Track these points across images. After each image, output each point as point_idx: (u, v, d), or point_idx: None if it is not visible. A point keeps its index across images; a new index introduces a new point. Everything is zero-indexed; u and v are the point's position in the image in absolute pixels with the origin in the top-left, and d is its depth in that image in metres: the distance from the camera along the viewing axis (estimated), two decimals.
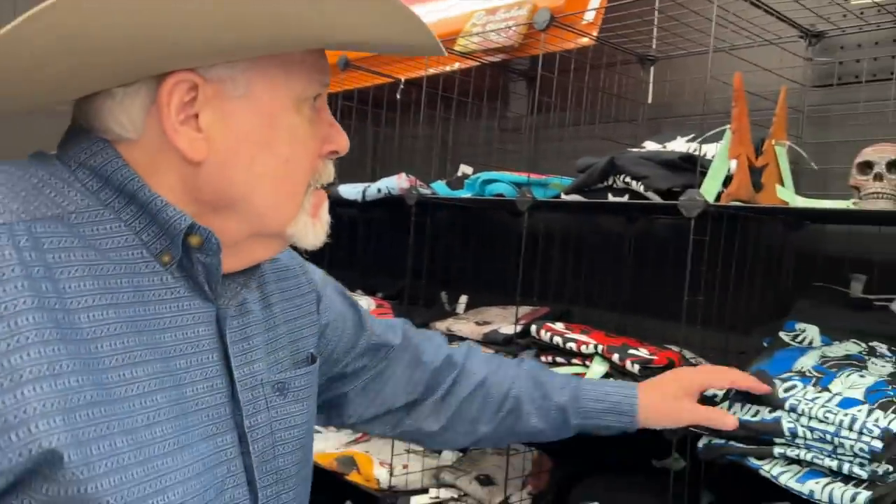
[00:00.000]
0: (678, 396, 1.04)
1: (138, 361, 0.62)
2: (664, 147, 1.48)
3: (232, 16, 0.57)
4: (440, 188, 1.71)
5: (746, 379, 1.04)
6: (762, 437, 1.03)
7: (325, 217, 0.75)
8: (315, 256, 0.84)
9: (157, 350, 0.64)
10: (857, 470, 0.95)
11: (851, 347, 1.16)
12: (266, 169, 0.67)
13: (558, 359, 1.37)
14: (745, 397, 1.07)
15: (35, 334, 0.55)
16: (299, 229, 0.71)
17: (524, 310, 1.62)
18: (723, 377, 1.06)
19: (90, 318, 0.60)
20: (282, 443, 0.75)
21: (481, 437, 1.04)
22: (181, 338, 0.66)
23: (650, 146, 1.52)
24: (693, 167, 1.25)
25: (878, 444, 0.92)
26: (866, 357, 1.14)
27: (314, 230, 0.73)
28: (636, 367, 1.24)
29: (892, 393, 1.01)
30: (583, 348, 1.32)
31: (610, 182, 1.36)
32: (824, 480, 0.98)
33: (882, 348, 1.15)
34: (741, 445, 1.05)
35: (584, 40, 1.56)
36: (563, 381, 1.06)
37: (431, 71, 1.86)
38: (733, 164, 1.20)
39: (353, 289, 2.22)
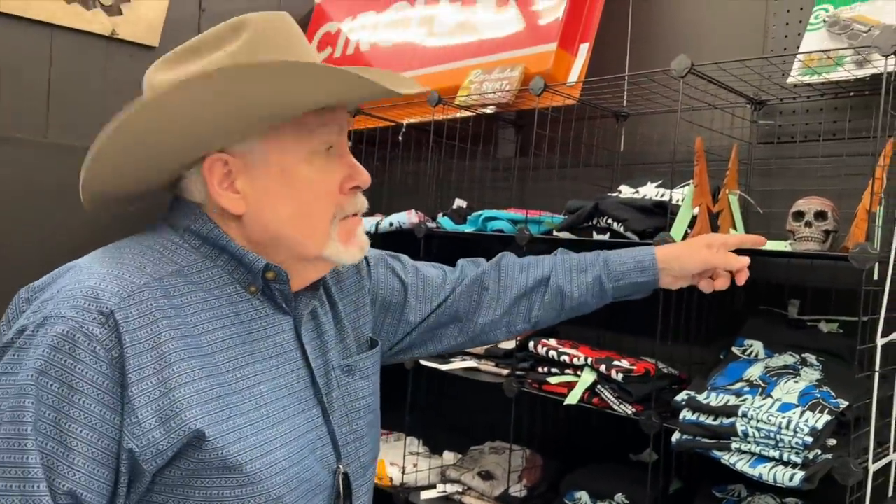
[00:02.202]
0: (691, 245, 1.21)
1: (244, 365, 0.87)
2: (637, 191, 1.77)
3: (233, 107, 0.82)
4: (446, 223, 1.97)
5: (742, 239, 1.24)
6: (722, 437, 1.32)
7: (359, 239, 0.96)
8: None
9: (255, 355, 0.89)
10: (794, 458, 1.24)
11: (788, 359, 1.46)
12: (290, 211, 0.88)
13: (553, 369, 1.64)
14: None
15: (175, 356, 0.80)
16: (332, 253, 0.91)
17: None
18: (724, 238, 1.22)
19: (208, 339, 0.85)
20: (353, 411, 0.99)
21: (536, 319, 1.19)
22: (271, 344, 0.91)
23: (625, 190, 1.81)
24: (664, 212, 1.55)
25: (809, 439, 1.21)
26: (800, 366, 1.44)
27: (347, 252, 0.92)
28: (620, 376, 1.52)
29: (818, 395, 1.31)
30: (574, 360, 1.60)
31: (594, 222, 1.65)
32: (770, 465, 1.27)
33: (811, 359, 1.46)
34: (706, 441, 1.34)
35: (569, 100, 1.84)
36: (592, 258, 1.20)
37: (431, 117, 2.12)
38: (696, 209, 1.50)
39: None
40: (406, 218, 2.01)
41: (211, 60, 0.83)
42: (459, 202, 2.22)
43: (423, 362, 1.89)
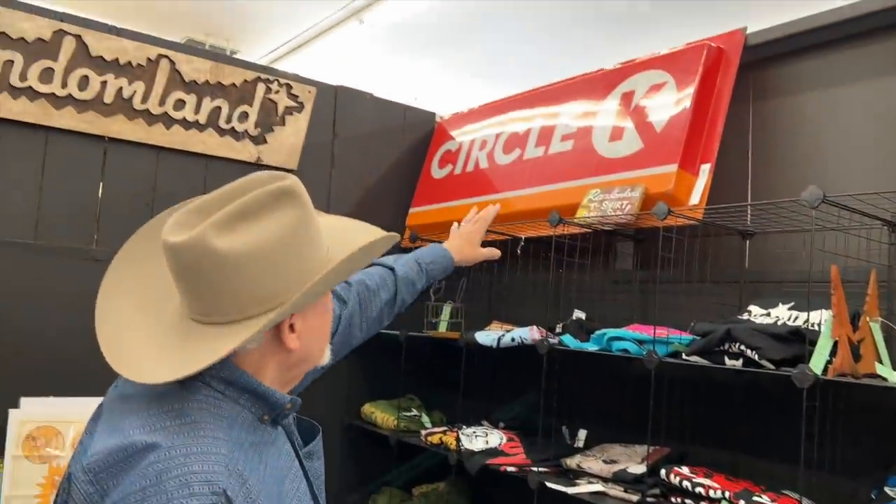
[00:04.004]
0: (463, 249, 1.75)
1: (295, 487, 0.96)
2: (768, 313, 1.75)
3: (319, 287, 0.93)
4: (569, 340, 2.00)
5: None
6: None
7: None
8: (450, 386, 1.11)
9: (291, 471, 0.97)
10: None
11: None
12: (323, 335, 1.03)
13: (687, 501, 1.60)
14: None
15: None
16: (326, 356, 1.07)
17: (647, 448, 1.85)
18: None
19: (272, 477, 0.91)
20: (321, 493, 1.07)
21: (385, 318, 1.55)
22: (289, 459, 0.98)
23: (755, 310, 1.79)
24: (800, 340, 1.52)
25: None
26: None
27: (329, 354, 1.08)
28: None
29: None
30: (710, 493, 1.55)
31: (726, 347, 1.63)
32: None
33: None
34: None
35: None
36: (417, 271, 1.60)
37: (551, 234, 2.19)
38: (836, 338, 1.46)
39: (479, 419, 2.50)
40: (528, 334, 2.05)
41: (280, 223, 0.89)
42: (579, 314, 2.25)
43: (549, 484, 1.88)
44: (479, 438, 2.19)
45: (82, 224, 2.25)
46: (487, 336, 2.16)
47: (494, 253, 1.82)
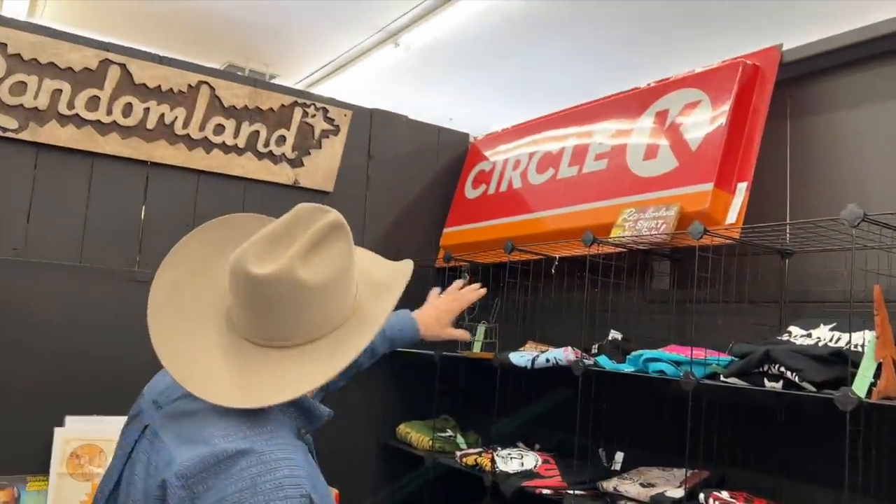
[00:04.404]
0: (431, 326, 1.77)
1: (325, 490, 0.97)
2: (809, 334, 1.71)
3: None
4: (604, 362, 1.98)
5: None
6: None
7: None
8: (485, 407, 1.10)
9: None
10: None
11: None
12: None
13: None
14: None
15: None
16: None
17: (685, 472, 1.82)
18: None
19: (316, 476, 0.96)
20: None
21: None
22: None
23: (795, 331, 1.75)
24: (842, 361, 1.48)
25: None
26: None
27: None
28: None
29: None
30: None
31: (765, 369, 1.59)
32: None
33: None
34: None
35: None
36: (388, 338, 1.69)
37: (585, 254, 2.18)
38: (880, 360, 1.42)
39: (514, 440, 2.48)
40: (563, 355, 2.04)
41: (340, 254, 0.97)
42: (615, 334, 2.23)
43: None
44: (515, 460, 2.17)
45: (125, 246, 2.32)
46: (522, 357, 2.15)
47: (464, 336, 1.90)
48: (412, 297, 2.80)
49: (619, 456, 2.17)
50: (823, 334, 1.69)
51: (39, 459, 2.04)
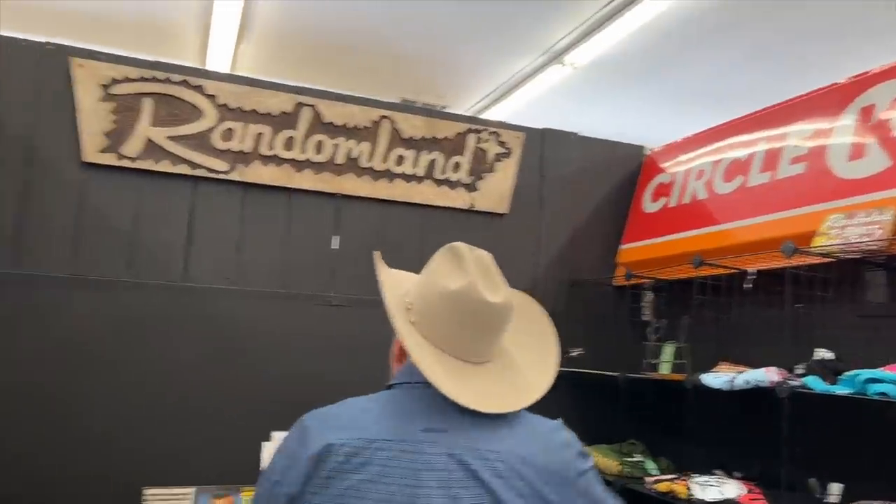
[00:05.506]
0: None
1: None
2: None
3: None
4: (813, 383, 1.80)
5: None
6: None
7: None
8: (673, 431, 1.00)
9: None
10: None
11: None
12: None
13: None
14: None
15: None
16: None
17: None
18: None
19: None
20: None
21: None
22: None
23: None
24: None
25: None
26: None
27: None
28: None
29: None
30: None
31: None
32: None
33: None
34: None
35: None
36: None
37: (784, 264, 2.01)
38: None
39: (710, 467, 2.33)
40: (765, 376, 1.88)
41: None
42: (824, 353, 2.02)
43: None
44: (713, 488, 2.03)
45: (320, 273, 2.49)
46: (717, 378, 2.02)
47: None
48: (589, 316, 2.74)
49: (836, 487, 1.95)
50: None
51: (251, 471, 2.23)
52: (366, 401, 1.04)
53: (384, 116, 2.54)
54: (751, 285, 2.17)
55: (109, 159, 2.24)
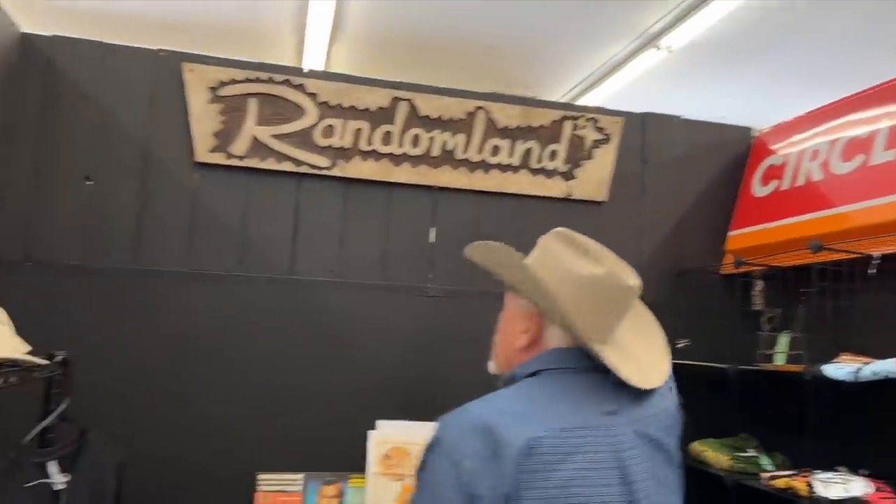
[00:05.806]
0: None
1: None
2: None
3: None
4: None
5: None
6: None
7: None
8: (788, 426, 0.92)
9: None
10: None
11: None
12: None
13: None
14: None
15: None
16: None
17: None
18: None
19: None
20: None
21: None
22: None
23: None
24: None
25: None
26: None
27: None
28: None
29: None
30: None
31: None
32: None
33: None
34: None
35: None
36: None
37: None
38: None
39: (832, 464, 2.20)
40: (893, 367, 1.75)
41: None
42: None
43: None
44: (837, 485, 1.91)
45: (419, 265, 2.51)
46: (840, 369, 1.90)
47: None
48: (696, 306, 2.64)
49: None
50: None
51: (356, 459, 2.28)
52: (520, 392, 1.04)
53: (479, 107, 2.54)
54: (875, 270, 2.03)
55: (219, 158, 2.34)
